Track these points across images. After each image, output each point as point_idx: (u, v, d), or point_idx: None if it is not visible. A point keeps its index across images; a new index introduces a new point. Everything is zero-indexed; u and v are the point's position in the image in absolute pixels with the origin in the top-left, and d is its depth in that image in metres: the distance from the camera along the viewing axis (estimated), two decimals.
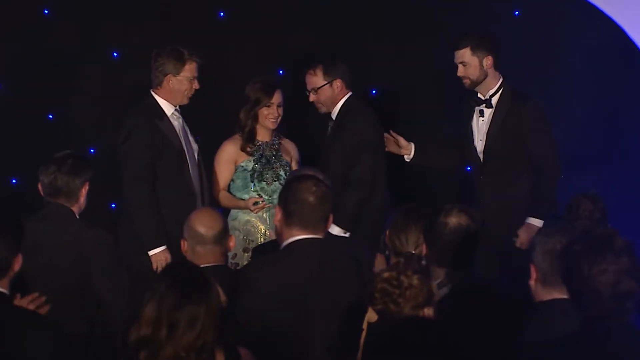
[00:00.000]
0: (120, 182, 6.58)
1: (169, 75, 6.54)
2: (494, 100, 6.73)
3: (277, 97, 6.72)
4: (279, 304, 4.50)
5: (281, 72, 7.96)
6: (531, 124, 6.68)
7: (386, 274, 4.41)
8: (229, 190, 6.81)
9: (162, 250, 6.38)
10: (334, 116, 6.90)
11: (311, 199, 4.62)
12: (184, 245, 4.96)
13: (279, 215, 4.68)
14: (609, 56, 7.77)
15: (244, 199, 6.75)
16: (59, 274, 5.30)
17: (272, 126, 6.75)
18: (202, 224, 4.89)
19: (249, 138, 6.75)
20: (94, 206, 5.71)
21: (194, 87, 6.58)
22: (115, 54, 7.96)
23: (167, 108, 6.58)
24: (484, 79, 6.70)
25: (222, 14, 8.04)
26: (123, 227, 6.53)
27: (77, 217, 5.52)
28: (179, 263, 4.29)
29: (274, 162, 6.76)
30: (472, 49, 6.66)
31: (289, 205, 4.63)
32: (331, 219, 4.75)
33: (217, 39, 7.92)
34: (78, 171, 5.50)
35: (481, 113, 6.76)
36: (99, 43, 7.95)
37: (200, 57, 6.60)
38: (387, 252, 5.08)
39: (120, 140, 6.52)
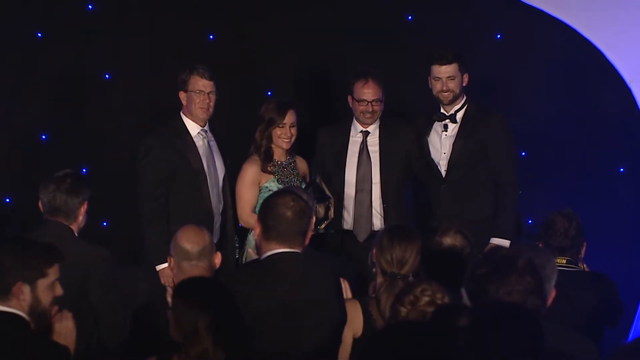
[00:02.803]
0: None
1: (180, 92, 6.63)
2: (459, 115, 6.96)
3: (289, 118, 6.66)
4: (265, 318, 4.57)
5: (269, 93, 8.09)
6: (495, 137, 6.92)
7: (438, 295, 4.41)
8: (253, 211, 6.63)
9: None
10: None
11: (288, 214, 4.69)
12: (171, 262, 5.02)
13: (257, 229, 4.76)
14: (587, 78, 7.96)
15: None
16: None
17: (285, 146, 6.69)
18: (187, 240, 4.95)
19: (267, 158, 6.68)
20: (85, 224, 5.72)
21: (205, 101, 6.58)
22: (106, 76, 8.07)
23: (193, 128, 6.65)
24: (459, 94, 6.91)
25: (211, 36, 8.20)
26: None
27: (76, 235, 5.57)
28: (190, 278, 4.39)
29: (294, 181, 6.71)
30: (459, 65, 6.90)
31: (268, 220, 4.72)
32: (309, 234, 4.81)
33: (206, 61, 8.05)
34: (77, 190, 5.55)
35: (445, 127, 6.96)
36: (91, 65, 8.05)
37: (207, 71, 6.61)
38: (374, 270, 5.13)
39: (138, 158, 6.60)
